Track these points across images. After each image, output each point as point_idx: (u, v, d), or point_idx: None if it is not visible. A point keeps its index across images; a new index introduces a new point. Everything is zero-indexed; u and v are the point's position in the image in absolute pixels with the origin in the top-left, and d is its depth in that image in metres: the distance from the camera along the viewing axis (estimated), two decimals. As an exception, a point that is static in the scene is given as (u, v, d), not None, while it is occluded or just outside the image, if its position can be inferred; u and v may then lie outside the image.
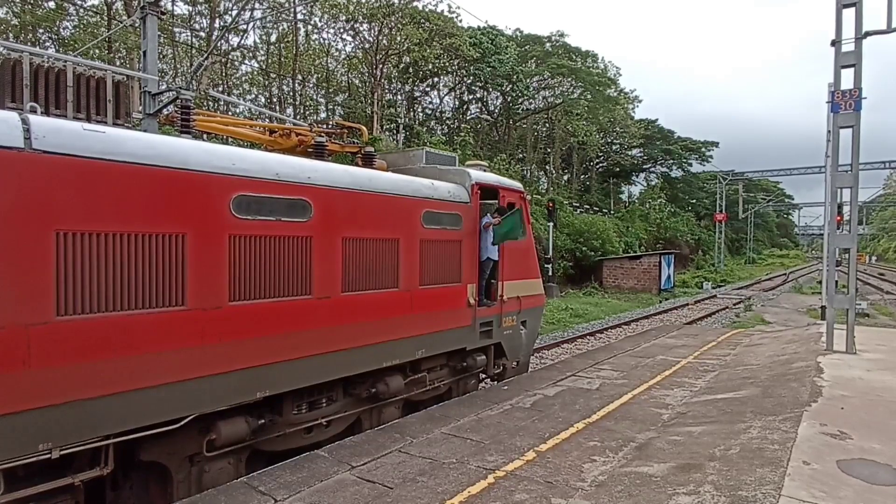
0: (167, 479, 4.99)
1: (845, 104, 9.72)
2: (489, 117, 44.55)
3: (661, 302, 28.66)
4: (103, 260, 4.14)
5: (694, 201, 64.35)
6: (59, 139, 4.00)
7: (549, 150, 48.29)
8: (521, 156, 46.28)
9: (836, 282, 12.36)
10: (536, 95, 45.32)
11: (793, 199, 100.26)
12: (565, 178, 52.58)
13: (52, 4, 23.57)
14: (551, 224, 28.36)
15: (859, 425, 5.74)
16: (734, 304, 27.09)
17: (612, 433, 6.16)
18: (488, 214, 8.33)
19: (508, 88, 40.41)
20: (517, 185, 9.42)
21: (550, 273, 27.14)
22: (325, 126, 8.15)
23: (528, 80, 41.69)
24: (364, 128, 9.43)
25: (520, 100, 43.12)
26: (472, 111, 45.22)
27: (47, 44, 23.82)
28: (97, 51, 22.24)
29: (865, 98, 9.65)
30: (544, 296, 10.19)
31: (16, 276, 3.74)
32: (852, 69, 9.71)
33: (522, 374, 9.49)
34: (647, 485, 4.64)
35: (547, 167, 49.28)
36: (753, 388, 7.73)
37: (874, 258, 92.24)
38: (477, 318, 8.10)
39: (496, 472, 5.04)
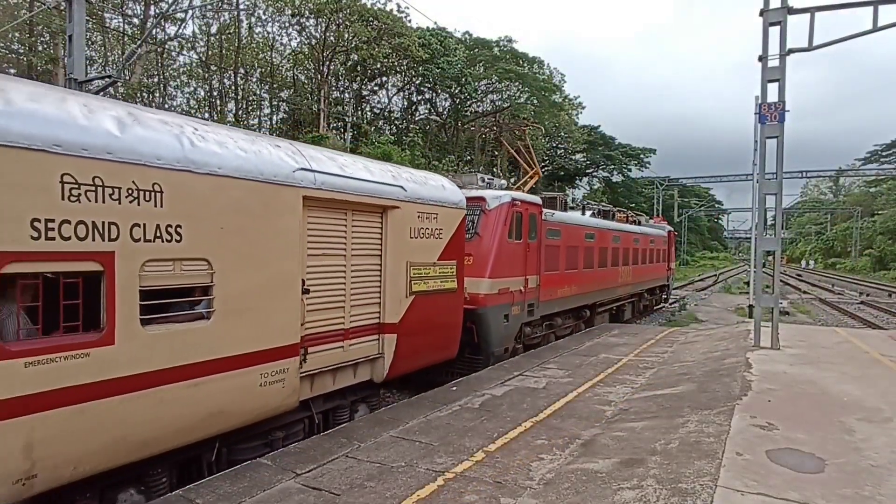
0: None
1: (771, 116, 10.38)
2: (438, 118, 44.65)
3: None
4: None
5: (633, 205, 67.06)
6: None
7: (496, 153, 48.97)
8: (468, 158, 46.70)
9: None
10: (484, 99, 45.89)
11: (722, 205, 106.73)
12: (512, 180, 53.48)
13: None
14: None
15: (785, 417, 6.11)
16: (670, 304, 28.41)
17: (559, 431, 6.26)
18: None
19: (457, 91, 40.65)
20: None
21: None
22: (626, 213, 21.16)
23: (476, 84, 42.12)
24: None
25: (468, 102, 43.49)
26: (421, 112, 45.18)
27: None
28: (17, 34, 20.60)
29: (788, 111, 10.34)
30: None
31: None
32: (777, 84, 10.39)
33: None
34: (593, 481, 4.74)
35: (494, 170, 49.93)
36: (690, 384, 8.09)
37: (812, 263, 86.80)
38: (670, 276, 26.29)
39: (445, 475, 5.00)
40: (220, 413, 5.12)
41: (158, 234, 4.58)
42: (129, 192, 4.38)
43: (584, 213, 16.48)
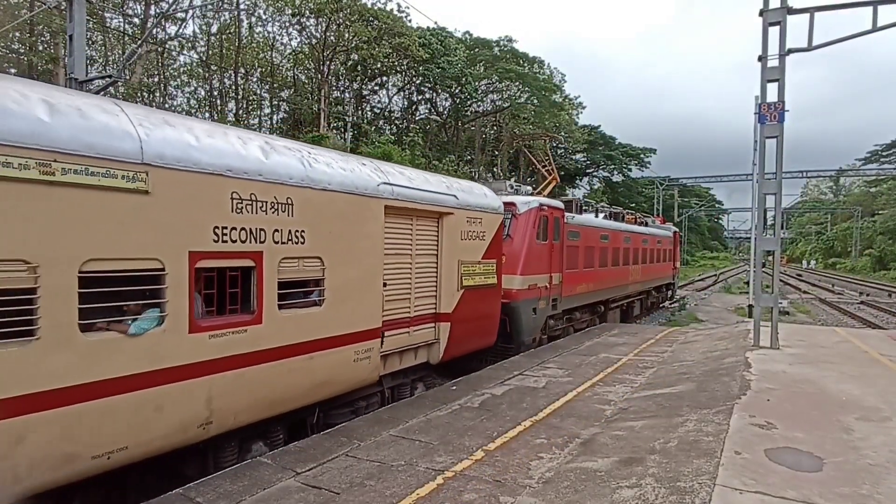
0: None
1: (770, 116, 10.39)
2: (438, 118, 44.67)
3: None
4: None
5: (633, 205, 67.13)
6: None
7: (496, 152, 48.99)
8: (469, 157, 46.71)
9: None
10: (485, 98, 45.90)
11: (722, 205, 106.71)
12: (512, 180, 53.50)
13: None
14: None
15: (784, 416, 6.13)
16: (670, 304, 28.41)
17: (558, 430, 6.28)
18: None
19: (457, 90, 40.68)
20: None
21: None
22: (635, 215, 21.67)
23: (476, 83, 42.14)
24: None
25: (468, 102, 43.51)
26: (422, 111, 45.21)
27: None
28: (17, 34, 20.63)
29: (788, 111, 10.35)
30: None
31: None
32: (777, 84, 10.40)
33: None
34: (592, 480, 4.76)
35: (494, 169, 49.95)
36: (689, 383, 8.11)
37: (813, 263, 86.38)
38: (675, 274, 27.54)
39: (445, 473, 5.02)
40: (325, 383, 6.40)
41: (290, 238, 5.83)
42: (272, 205, 5.63)
43: (597, 216, 17.40)
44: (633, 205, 66.85)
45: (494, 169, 49.74)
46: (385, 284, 7.28)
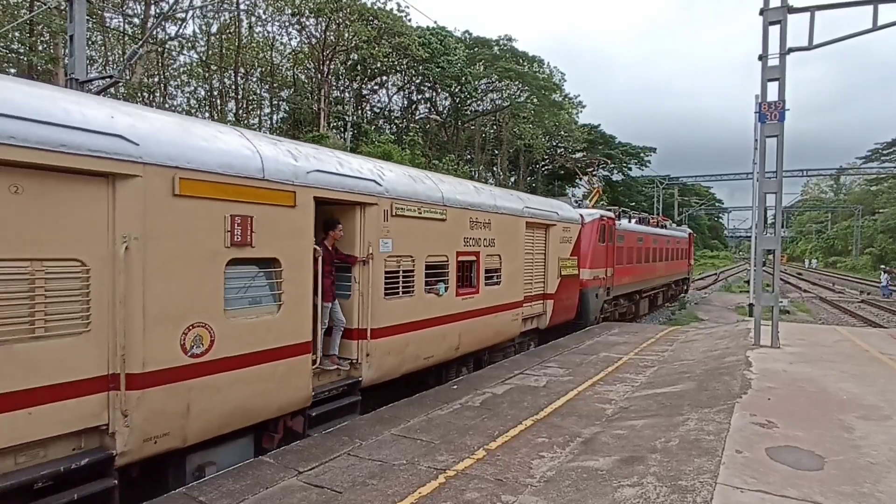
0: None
1: (771, 115, 10.39)
2: (438, 118, 44.63)
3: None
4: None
5: (633, 204, 67.07)
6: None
7: (496, 151, 48.96)
8: (469, 157, 46.68)
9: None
10: (484, 98, 45.87)
11: (723, 204, 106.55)
12: (512, 179, 53.47)
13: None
14: None
15: (784, 414, 6.14)
16: (670, 303, 28.42)
17: (560, 429, 6.29)
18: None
19: (457, 90, 40.65)
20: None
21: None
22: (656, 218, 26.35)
23: (476, 83, 42.10)
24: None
25: (468, 101, 43.49)
26: (421, 111, 45.18)
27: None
28: (17, 34, 20.62)
29: (788, 110, 10.35)
30: None
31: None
32: (777, 82, 10.40)
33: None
34: (594, 478, 4.77)
35: (494, 168, 49.93)
36: (690, 382, 8.12)
37: (815, 262, 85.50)
38: (690, 270, 31.64)
39: (447, 472, 5.03)
40: (498, 333, 10.33)
41: (489, 243, 9.78)
42: (483, 224, 9.60)
43: (629, 221, 20.94)
44: (633, 204, 66.79)
45: (494, 168, 49.72)
46: (523, 272, 11.21)
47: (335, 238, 6.74)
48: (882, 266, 41.22)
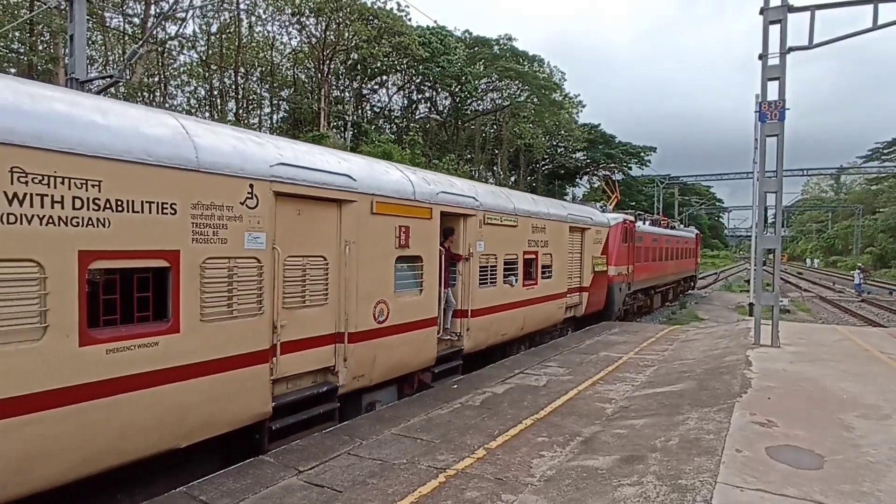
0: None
1: (771, 114, 10.38)
2: (438, 117, 44.62)
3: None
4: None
5: (633, 203, 67.06)
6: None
7: (496, 151, 48.95)
8: (469, 156, 46.67)
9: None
10: (485, 97, 45.85)
11: (723, 203, 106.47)
12: (512, 178, 53.46)
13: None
14: None
15: (784, 414, 6.14)
16: (671, 302, 28.42)
17: (560, 428, 6.29)
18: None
19: (457, 89, 40.63)
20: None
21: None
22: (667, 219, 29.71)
23: (476, 82, 42.08)
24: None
25: (468, 101, 43.46)
26: (422, 111, 45.16)
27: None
28: (17, 34, 20.63)
29: (788, 109, 10.34)
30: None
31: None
32: (777, 82, 10.39)
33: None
34: (594, 477, 4.77)
35: (494, 168, 49.91)
36: (690, 382, 8.12)
37: (816, 262, 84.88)
38: (696, 268, 34.26)
39: (447, 472, 5.04)
40: (548, 318, 12.40)
41: (544, 244, 11.87)
42: (540, 228, 11.66)
43: (644, 224, 22.77)
44: (634, 203, 66.81)
45: (494, 168, 49.71)
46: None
47: (451, 241, 8.92)
48: (859, 265, 42.11)
